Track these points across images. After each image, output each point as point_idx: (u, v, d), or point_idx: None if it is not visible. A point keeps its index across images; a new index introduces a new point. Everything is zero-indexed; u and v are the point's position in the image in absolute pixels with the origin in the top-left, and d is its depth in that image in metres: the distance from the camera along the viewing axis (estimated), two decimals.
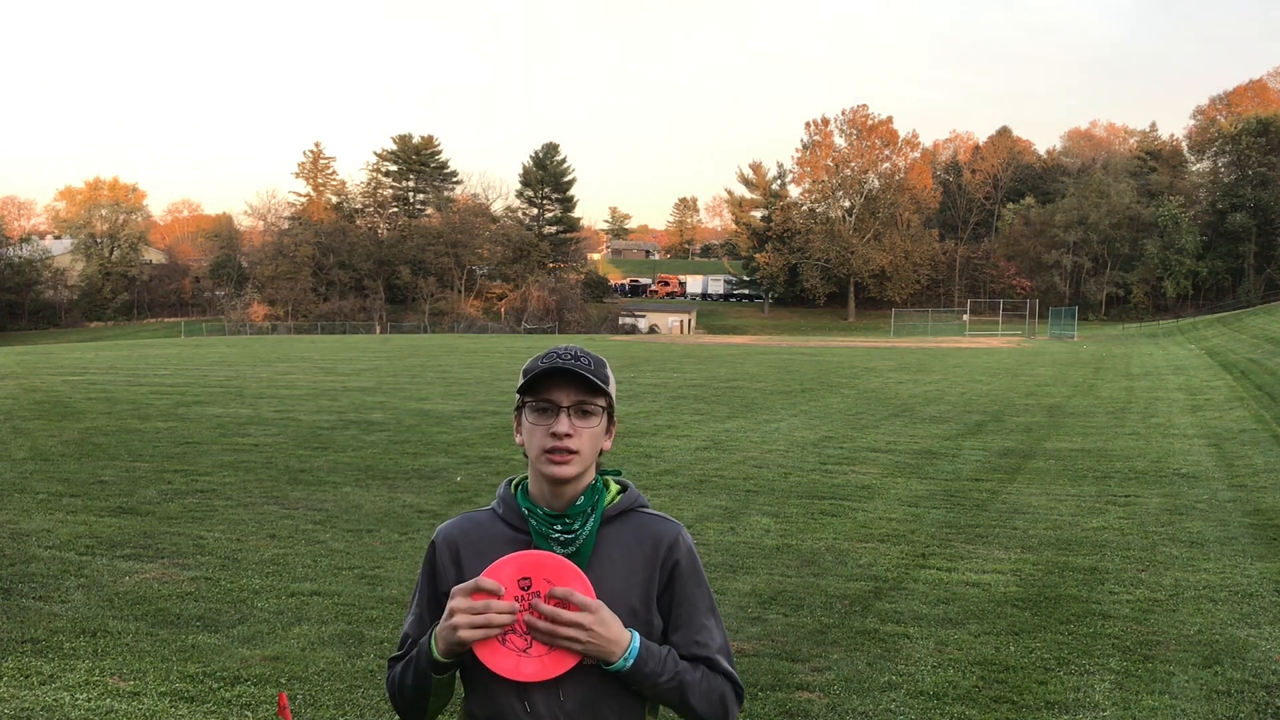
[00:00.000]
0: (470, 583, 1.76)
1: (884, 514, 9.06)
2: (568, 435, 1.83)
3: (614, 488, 1.96)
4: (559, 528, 1.87)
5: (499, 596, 1.75)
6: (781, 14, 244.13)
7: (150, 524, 8.38)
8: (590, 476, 1.92)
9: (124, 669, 5.15)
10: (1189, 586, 6.77)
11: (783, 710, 4.71)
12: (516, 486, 1.98)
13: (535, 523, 1.89)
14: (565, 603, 1.74)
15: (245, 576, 6.83)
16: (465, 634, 1.73)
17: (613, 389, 1.92)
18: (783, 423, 15.89)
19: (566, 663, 1.75)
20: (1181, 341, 46.27)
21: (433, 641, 1.79)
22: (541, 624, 1.74)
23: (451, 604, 1.76)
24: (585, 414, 1.87)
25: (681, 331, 79.34)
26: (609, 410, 1.92)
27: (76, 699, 4.75)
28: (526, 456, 1.91)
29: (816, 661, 5.33)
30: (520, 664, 1.74)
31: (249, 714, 4.63)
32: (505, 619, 1.73)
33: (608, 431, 1.93)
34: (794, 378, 25.51)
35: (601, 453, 1.93)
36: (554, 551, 1.85)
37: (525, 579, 1.77)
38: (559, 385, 1.86)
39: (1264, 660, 5.38)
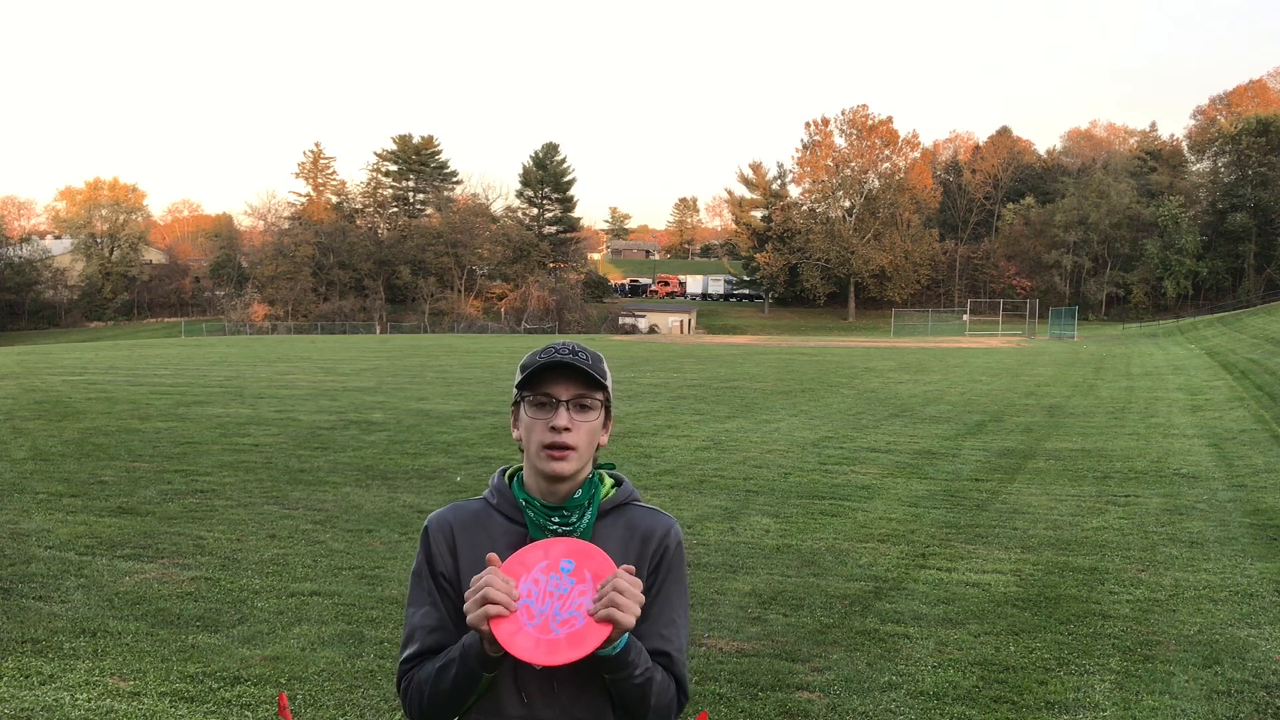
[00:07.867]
0: (489, 569, 1.74)
1: (884, 514, 9.06)
2: (566, 429, 1.84)
3: (608, 482, 1.98)
4: (556, 519, 1.88)
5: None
6: (782, 14, 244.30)
7: (150, 524, 8.38)
8: (587, 471, 1.93)
9: (124, 669, 5.15)
10: (1189, 586, 6.77)
11: (783, 710, 4.71)
12: (511, 477, 1.98)
13: (532, 514, 1.89)
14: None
15: (245, 576, 6.84)
16: (470, 617, 1.72)
17: (610, 384, 1.93)
18: (783, 423, 15.89)
19: (566, 654, 1.72)
20: (1181, 341, 46.25)
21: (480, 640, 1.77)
22: (623, 590, 1.72)
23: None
24: (584, 409, 1.88)
25: (681, 331, 79.32)
26: (606, 405, 1.93)
27: (76, 699, 4.75)
28: (523, 451, 1.92)
29: (816, 661, 5.33)
30: (516, 638, 1.72)
31: (249, 714, 4.63)
32: (503, 594, 1.71)
33: (605, 426, 1.95)
34: (794, 378, 25.51)
35: (598, 448, 1.94)
36: None
37: (569, 561, 1.79)
38: (558, 380, 1.87)
39: (1264, 660, 5.38)
